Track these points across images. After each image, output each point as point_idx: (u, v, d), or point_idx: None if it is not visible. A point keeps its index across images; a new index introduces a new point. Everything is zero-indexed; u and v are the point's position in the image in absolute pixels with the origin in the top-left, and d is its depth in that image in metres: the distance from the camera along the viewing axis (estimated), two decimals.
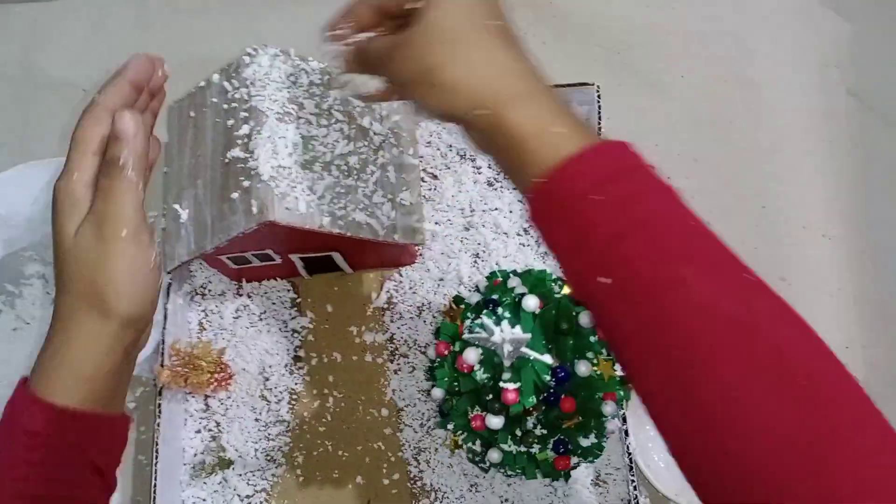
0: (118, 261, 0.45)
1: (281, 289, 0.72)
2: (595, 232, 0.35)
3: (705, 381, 0.32)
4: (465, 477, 0.65)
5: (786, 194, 0.72)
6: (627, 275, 0.35)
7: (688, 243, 0.35)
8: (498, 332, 0.46)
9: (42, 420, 0.44)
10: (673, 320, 0.33)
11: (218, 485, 0.67)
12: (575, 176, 0.36)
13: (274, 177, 0.58)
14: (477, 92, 0.40)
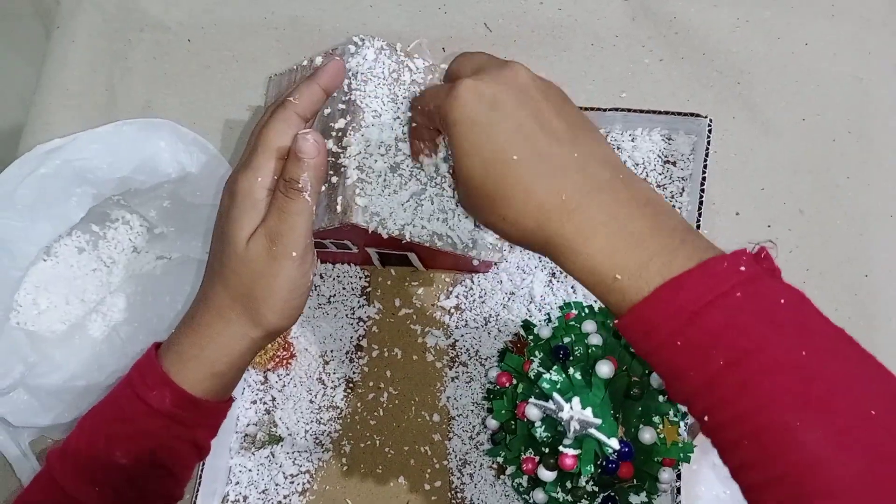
0: (281, 279, 0.46)
1: (353, 275, 0.72)
2: (684, 377, 0.34)
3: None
4: (507, 499, 0.65)
5: (891, 266, 0.67)
6: (726, 420, 0.33)
7: (793, 384, 0.32)
8: (567, 408, 0.45)
9: (170, 402, 0.47)
10: (784, 470, 0.31)
11: (265, 458, 0.69)
12: (648, 322, 0.34)
13: (362, 179, 0.57)
14: (533, 238, 0.39)
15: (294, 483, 0.68)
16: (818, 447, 0.31)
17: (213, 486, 0.66)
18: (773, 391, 0.32)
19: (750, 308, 0.33)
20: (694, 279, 0.34)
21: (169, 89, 0.80)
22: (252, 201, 0.47)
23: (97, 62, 0.82)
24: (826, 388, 0.32)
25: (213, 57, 0.81)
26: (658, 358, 0.35)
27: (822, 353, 0.33)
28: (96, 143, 0.68)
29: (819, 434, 0.31)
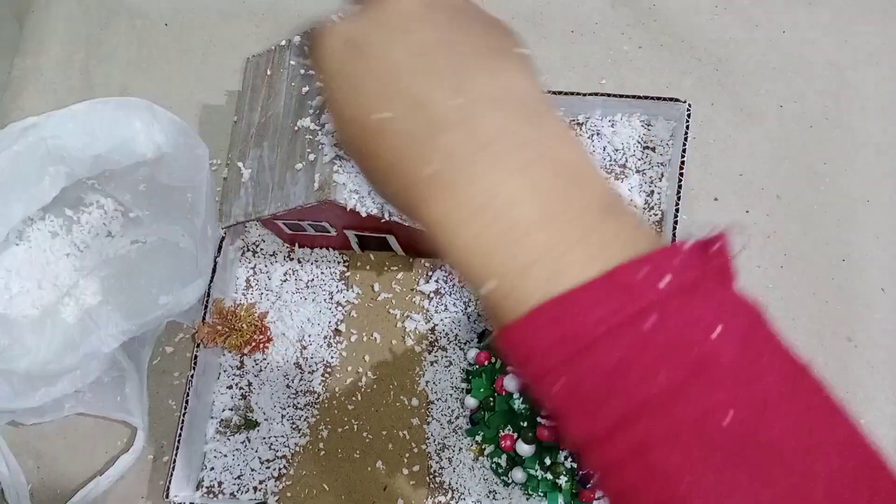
0: None
1: (332, 260, 0.71)
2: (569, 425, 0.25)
3: None
4: (485, 482, 0.64)
5: (870, 250, 0.67)
6: (629, 488, 0.25)
7: (709, 454, 0.23)
8: None
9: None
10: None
11: (240, 444, 0.68)
12: (524, 348, 0.25)
13: (339, 156, 0.56)
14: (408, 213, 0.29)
15: (270, 468, 0.67)
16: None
17: (186, 471, 0.65)
18: (687, 464, 0.23)
19: (665, 342, 0.24)
20: (589, 295, 0.24)
21: (146, 74, 0.80)
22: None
23: (73, 47, 0.81)
24: (757, 462, 0.23)
25: (190, 42, 0.80)
26: (543, 394, 0.26)
27: (760, 404, 0.24)
28: (71, 122, 0.67)
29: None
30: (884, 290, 0.67)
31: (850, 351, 0.65)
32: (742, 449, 0.23)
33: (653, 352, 0.24)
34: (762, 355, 0.25)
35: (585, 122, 0.72)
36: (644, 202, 0.69)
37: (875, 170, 0.70)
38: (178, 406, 0.70)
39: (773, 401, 0.24)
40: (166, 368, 0.71)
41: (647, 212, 0.69)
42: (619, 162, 0.71)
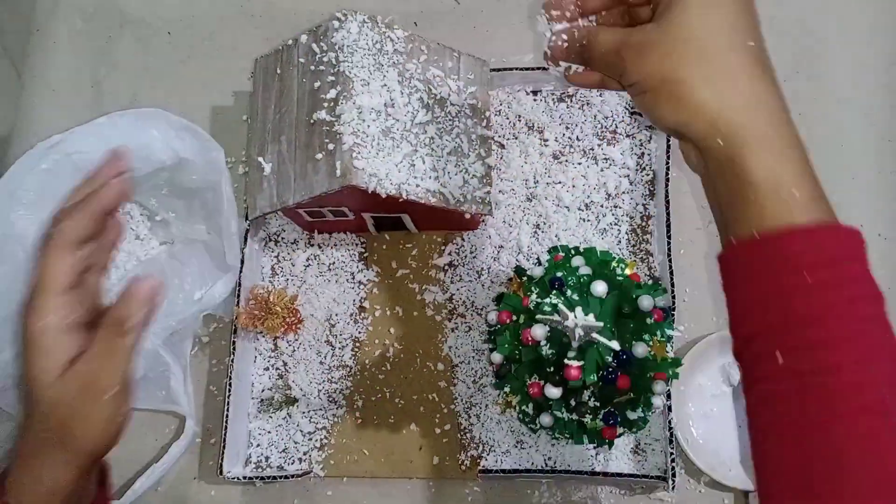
0: (97, 415, 0.43)
1: (350, 242, 0.76)
2: (790, 308, 0.35)
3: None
4: (512, 434, 0.70)
5: (847, 191, 0.73)
6: (811, 368, 0.34)
7: (868, 360, 0.34)
8: (572, 317, 0.50)
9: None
10: (842, 456, 0.33)
11: (283, 419, 0.73)
12: (795, 248, 0.35)
13: (357, 143, 0.61)
14: (721, 120, 0.37)
15: (312, 440, 0.72)
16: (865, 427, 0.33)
17: (235, 449, 0.70)
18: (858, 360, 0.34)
19: (864, 282, 0.36)
20: (847, 234, 0.36)
21: (154, 81, 0.84)
22: (48, 343, 0.43)
23: (80, 61, 0.85)
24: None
25: (193, 47, 0.84)
26: (775, 279, 0.35)
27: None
28: (93, 136, 0.71)
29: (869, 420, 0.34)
30: (862, 226, 0.72)
31: None
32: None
33: (859, 282, 0.36)
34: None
35: (575, 94, 0.77)
36: (636, 164, 0.74)
37: (846, 116, 0.75)
38: (219, 391, 0.74)
39: None
40: (204, 357, 0.76)
41: (640, 172, 0.74)
42: (610, 128, 0.76)
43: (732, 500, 0.67)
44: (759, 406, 0.37)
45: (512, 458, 0.69)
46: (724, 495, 0.68)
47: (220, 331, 0.76)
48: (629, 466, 0.67)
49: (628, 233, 0.73)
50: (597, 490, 0.68)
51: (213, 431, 0.74)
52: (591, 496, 0.68)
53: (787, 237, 0.35)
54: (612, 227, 0.73)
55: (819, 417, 0.34)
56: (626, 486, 0.68)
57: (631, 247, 0.73)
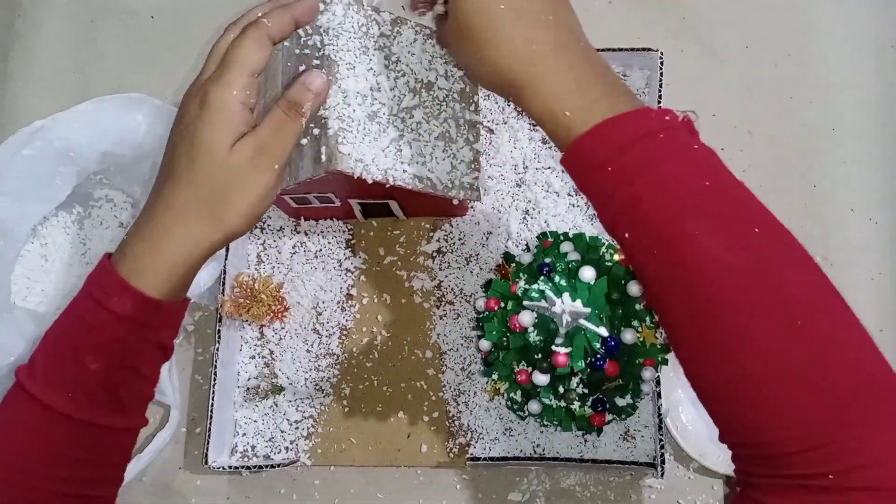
0: (258, 189, 0.49)
1: (337, 229, 0.75)
2: (613, 197, 0.41)
3: (716, 323, 0.37)
4: (501, 421, 0.69)
5: (837, 175, 0.73)
6: (643, 232, 0.40)
7: (698, 201, 0.39)
8: (559, 303, 0.49)
9: (132, 307, 0.48)
10: (685, 271, 0.38)
11: (269, 408, 0.72)
12: (588, 150, 0.41)
13: (343, 127, 0.60)
14: (502, 77, 0.46)
15: (299, 428, 0.71)
16: (712, 249, 0.38)
17: (221, 438, 0.70)
18: (683, 206, 0.39)
19: (671, 146, 0.40)
20: (628, 119, 0.41)
21: (139, 67, 0.82)
22: (229, 113, 0.49)
23: (64, 47, 0.84)
24: (722, 208, 0.39)
25: (179, 33, 0.83)
26: (593, 183, 0.42)
27: (723, 185, 0.40)
28: (76, 122, 0.70)
29: (713, 239, 0.38)
30: (853, 210, 0.72)
31: (828, 269, 0.68)
32: (717, 201, 0.39)
33: (667, 149, 0.40)
34: (720, 163, 0.41)
35: None
36: None
37: (837, 100, 0.75)
38: (204, 380, 0.74)
39: (733, 183, 0.40)
40: (189, 346, 0.75)
41: None
42: None
43: (721, 485, 0.67)
44: (638, 272, 0.42)
45: (501, 445, 0.68)
46: (713, 481, 0.67)
47: (205, 319, 0.75)
48: (618, 453, 0.67)
49: None
50: (586, 477, 0.68)
51: (199, 421, 0.73)
52: (580, 483, 0.68)
53: (575, 148, 0.42)
54: None
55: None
56: (615, 472, 0.68)
57: None
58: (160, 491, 0.72)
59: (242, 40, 0.50)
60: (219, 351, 0.70)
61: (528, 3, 0.46)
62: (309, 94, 0.52)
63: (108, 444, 0.52)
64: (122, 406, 0.51)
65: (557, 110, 0.43)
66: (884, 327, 0.69)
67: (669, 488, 0.67)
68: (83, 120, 0.69)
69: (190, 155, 0.49)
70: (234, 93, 0.49)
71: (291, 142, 0.51)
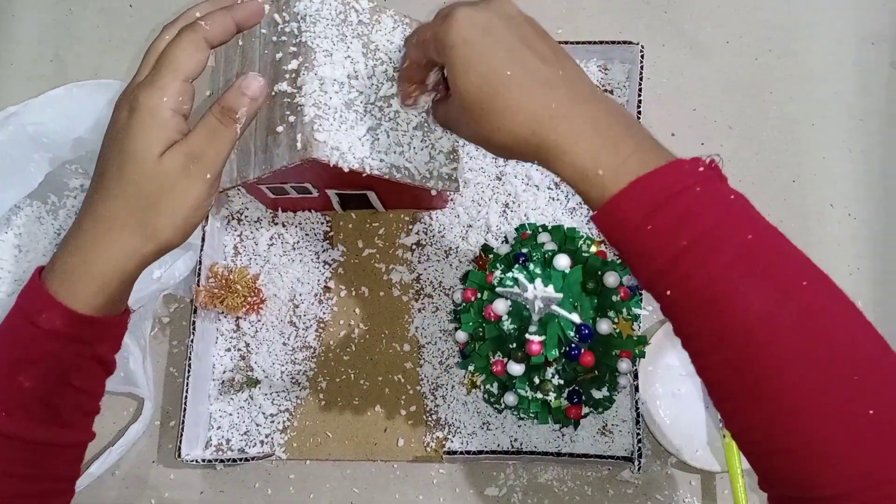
0: (189, 199, 0.47)
1: (315, 221, 0.74)
2: (652, 257, 0.39)
3: (772, 379, 0.36)
4: (478, 415, 0.68)
5: (817, 170, 0.73)
6: (687, 291, 0.38)
7: (742, 257, 0.37)
8: (531, 288, 0.49)
9: (61, 324, 0.46)
10: (734, 330, 0.37)
11: (244, 401, 0.71)
12: (624, 209, 0.39)
13: (319, 115, 0.59)
14: (524, 144, 0.44)
15: (274, 422, 0.70)
16: (761, 306, 0.36)
17: (195, 431, 0.69)
18: (728, 264, 0.37)
19: (708, 200, 0.39)
20: (663, 175, 0.39)
21: (117, 55, 0.81)
22: (159, 120, 0.46)
23: (42, 34, 0.83)
24: (768, 262, 0.38)
25: (157, 20, 0.82)
26: (629, 243, 0.40)
27: (764, 236, 0.39)
28: (50, 107, 0.69)
29: (762, 296, 0.37)
30: (832, 205, 0.72)
31: None
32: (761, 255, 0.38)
33: (704, 203, 0.38)
34: (755, 211, 0.40)
35: None
36: None
37: (817, 95, 0.75)
38: (179, 373, 0.73)
39: (772, 232, 0.39)
40: (164, 338, 0.74)
41: None
42: None
43: (699, 481, 0.67)
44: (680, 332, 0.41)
45: (478, 439, 0.68)
46: (690, 476, 0.67)
47: (180, 311, 0.74)
48: (596, 448, 0.66)
49: None
50: (563, 472, 0.67)
51: (173, 414, 0.72)
52: (557, 478, 0.67)
53: (610, 207, 0.40)
54: (580, 206, 0.72)
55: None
56: (592, 467, 0.67)
57: None
58: (133, 484, 0.71)
59: (178, 43, 0.48)
60: (194, 343, 0.69)
61: (535, 62, 0.44)
62: (244, 98, 0.49)
63: (52, 460, 0.50)
64: (63, 422, 0.50)
65: (590, 170, 0.41)
66: None
67: (647, 483, 0.67)
68: (56, 106, 0.69)
69: (119, 164, 0.47)
70: (164, 98, 0.46)
71: (226, 149, 0.49)
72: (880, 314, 0.69)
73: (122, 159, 0.46)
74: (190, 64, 0.47)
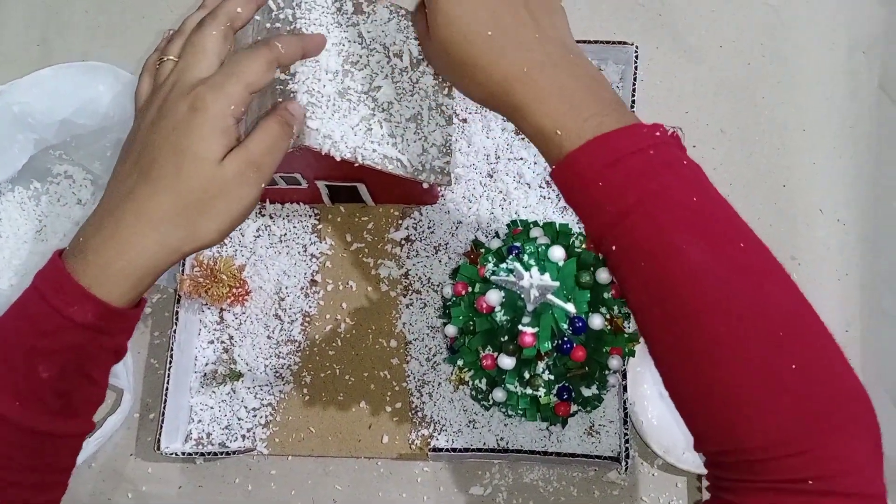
0: (242, 204, 0.47)
1: (303, 214, 0.73)
2: (601, 211, 0.41)
3: (698, 330, 0.39)
4: (465, 413, 0.68)
5: (807, 175, 0.73)
6: (631, 244, 0.41)
7: (685, 216, 0.40)
8: (528, 277, 0.48)
9: (94, 316, 0.45)
10: (670, 282, 0.39)
11: (226, 395, 0.70)
12: (579, 166, 0.42)
13: (311, 103, 0.58)
14: (494, 98, 0.47)
15: (256, 416, 0.69)
16: (697, 261, 0.39)
17: (175, 424, 0.67)
18: (671, 221, 0.40)
19: (660, 162, 0.41)
20: (618, 136, 0.42)
21: (106, 41, 0.80)
22: (224, 125, 0.47)
23: (29, 18, 0.81)
24: (709, 223, 0.40)
25: (147, 6, 0.81)
26: (582, 197, 0.42)
27: (709, 201, 0.41)
28: (36, 88, 0.67)
29: (699, 252, 0.39)
30: (822, 210, 0.72)
31: (795, 269, 0.70)
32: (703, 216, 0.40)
33: (656, 165, 0.41)
34: (706, 179, 0.42)
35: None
36: None
37: (808, 100, 0.75)
38: (160, 364, 0.71)
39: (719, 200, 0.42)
40: (146, 329, 0.73)
41: None
42: None
43: (685, 483, 0.66)
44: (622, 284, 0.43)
45: (464, 437, 0.67)
46: (676, 479, 0.66)
47: (163, 302, 0.73)
48: (582, 448, 0.66)
49: None
50: (549, 472, 0.67)
51: (153, 406, 0.70)
52: (543, 478, 0.67)
53: (565, 164, 0.42)
54: None
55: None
56: (578, 468, 0.67)
57: None
58: (110, 477, 0.69)
59: (254, 57, 0.48)
60: (176, 333, 0.67)
61: (514, 24, 0.46)
62: (295, 118, 0.52)
63: (56, 450, 0.49)
64: (74, 412, 0.49)
65: (549, 129, 0.43)
66: (849, 327, 0.69)
67: (633, 485, 0.66)
68: (43, 86, 0.67)
69: (175, 163, 0.46)
70: (231, 106, 0.47)
71: (280, 159, 0.50)
72: (868, 319, 0.69)
73: (180, 158, 0.46)
74: (260, 79, 0.48)
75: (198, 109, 0.46)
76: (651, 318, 0.41)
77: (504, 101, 0.46)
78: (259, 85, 0.48)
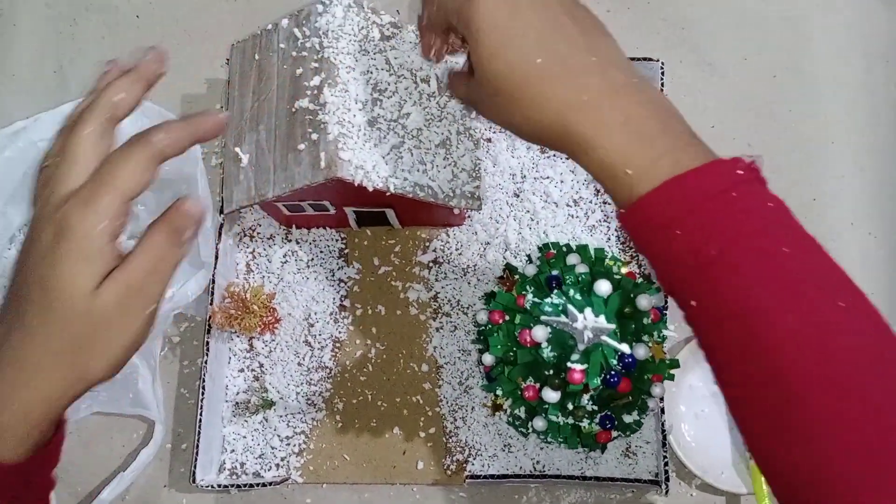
0: (127, 337, 0.40)
1: (329, 238, 0.73)
2: (679, 263, 0.37)
3: (798, 404, 0.34)
4: (500, 437, 0.67)
5: (837, 188, 0.72)
6: (713, 303, 0.36)
7: (776, 271, 0.35)
8: (581, 319, 0.48)
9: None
10: (757, 348, 0.35)
11: (259, 424, 0.69)
12: (653, 211, 0.38)
13: (343, 133, 0.58)
14: (552, 135, 0.41)
15: (290, 444, 0.69)
16: (791, 323, 0.35)
17: (208, 455, 0.67)
18: (759, 277, 0.35)
19: (744, 207, 0.36)
20: (697, 177, 0.37)
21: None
22: (94, 249, 0.38)
23: (44, 46, 0.81)
24: (803, 278, 0.36)
25: (164, 33, 0.80)
26: (656, 246, 0.38)
27: (802, 251, 0.37)
28: (59, 124, 0.66)
29: (793, 312, 0.35)
30: (853, 224, 0.72)
31: None
32: (795, 270, 0.36)
33: (740, 210, 0.36)
34: (794, 220, 0.38)
35: None
36: None
37: (835, 113, 0.75)
38: (191, 394, 0.71)
39: (811, 245, 0.38)
40: (174, 358, 0.72)
41: None
42: None
43: (725, 503, 0.66)
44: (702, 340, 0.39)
45: (499, 462, 0.67)
46: (715, 499, 0.66)
47: (191, 331, 0.73)
48: (620, 470, 0.65)
49: (617, 229, 0.71)
50: (587, 494, 0.66)
51: (185, 437, 0.70)
52: (581, 500, 0.66)
53: (638, 208, 0.38)
54: (601, 223, 0.71)
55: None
56: (617, 490, 0.66)
57: (620, 244, 0.71)
58: None
59: (126, 158, 0.39)
60: (207, 364, 0.67)
61: (567, 48, 0.41)
62: (191, 221, 0.41)
63: None
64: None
65: (619, 167, 0.39)
66: None
67: None
68: (53, 123, 0.66)
69: (43, 301, 0.39)
70: (102, 224, 0.38)
71: (169, 277, 0.41)
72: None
73: (47, 295, 0.39)
74: (136, 185, 0.39)
75: (63, 235, 0.38)
76: (735, 381, 0.37)
77: (562, 136, 0.41)
78: (138, 190, 0.39)
